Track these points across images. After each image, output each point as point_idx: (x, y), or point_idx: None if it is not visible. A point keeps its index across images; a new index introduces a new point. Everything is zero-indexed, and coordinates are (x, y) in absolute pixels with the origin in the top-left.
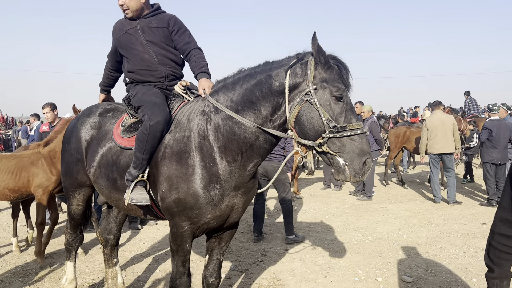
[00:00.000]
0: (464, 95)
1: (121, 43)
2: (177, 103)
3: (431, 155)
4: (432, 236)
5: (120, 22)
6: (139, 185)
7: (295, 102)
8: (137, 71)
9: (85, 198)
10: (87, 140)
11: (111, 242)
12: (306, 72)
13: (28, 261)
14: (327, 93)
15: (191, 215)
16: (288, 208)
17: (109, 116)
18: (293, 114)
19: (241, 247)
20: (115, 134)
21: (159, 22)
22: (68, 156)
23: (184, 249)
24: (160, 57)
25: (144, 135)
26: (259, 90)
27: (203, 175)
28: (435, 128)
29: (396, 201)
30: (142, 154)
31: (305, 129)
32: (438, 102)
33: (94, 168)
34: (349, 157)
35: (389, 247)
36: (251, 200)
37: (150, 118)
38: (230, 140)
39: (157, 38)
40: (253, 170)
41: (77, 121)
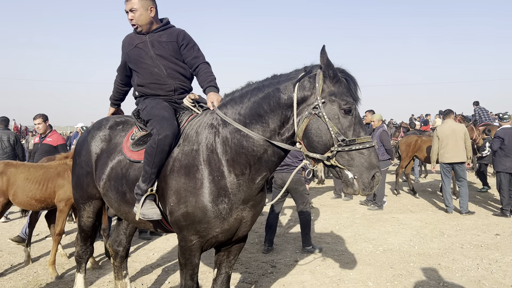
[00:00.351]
0: (473, 105)
1: (131, 57)
2: (185, 116)
3: (442, 164)
4: (444, 247)
5: (130, 37)
6: (148, 199)
7: (304, 116)
8: (147, 85)
9: (95, 211)
10: (97, 153)
11: (120, 254)
12: (314, 86)
13: (40, 271)
14: (335, 106)
15: (199, 228)
16: (306, 219)
17: (119, 129)
18: (301, 127)
19: (250, 258)
20: (125, 147)
21: (169, 36)
22: (79, 169)
23: (193, 262)
24: (169, 71)
25: (152, 148)
26: (267, 103)
27: (212, 189)
28: (446, 137)
29: (407, 211)
30: (151, 168)
31: (314, 143)
32: (449, 110)
33: (103, 181)
34: (358, 170)
35: (400, 259)
36: (260, 213)
37: (159, 132)
38: (238, 153)
39: (167, 52)
40: (261, 183)
41: (87, 134)
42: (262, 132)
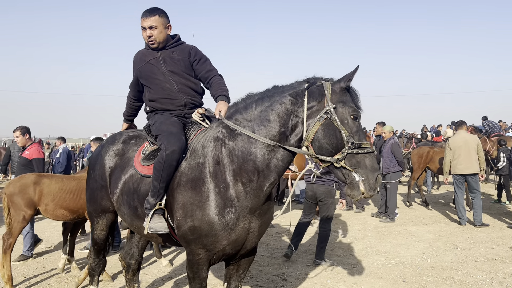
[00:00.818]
0: (482, 119)
1: (142, 73)
2: (194, 131)
3: (455, 175)
4: (458, 261)
5: (141, 53)
6: (157, 213)
7: (315, 120)
8: (158, 100)
9: (108, 224)
10: (110, 167)
11: (132, 267)
12: (323, 93)
13: (52, 283)
14: (345, 112)
15: (206, 242)
16: (325, 233)
17: (132, 143)
18: (312, 130)
19: (261, 271)
20: (136, 161)
21: (180, 52)
22: (93, 183)
23: (201, 276)
24: (181, 86)
25: (160, 164)
26: (276, 110)
27: (218, 201)
28: (459, 148)
29: (420, 223)
30: (159, 183)
31: (325, 145)
32: (461, 122)
33: (117, 195)
34: (365, 172)
35: (413, 272)
36: (268, 225)
37: (166, 147)
38: (246, 160)
39: (178, 68)
40: (269, 191)
41: (101, 148)
42: (272, 137)
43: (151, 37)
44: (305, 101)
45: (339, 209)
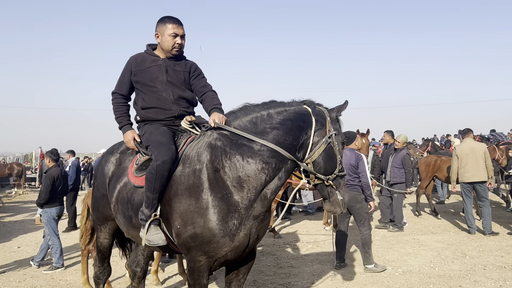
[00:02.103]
0: (490, 132)
1: (140, 78)
2: (184, 139)
3: (463, 184)
4: (466, 269)
5: (141, 56)
6: (153, 224)
7: (320, 142)
8: (151, 109)
9: (111, 232)
10: (109, 176)
11: (138, 275)
12: (324, 119)
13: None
14: (339, 139)
15: (208, 249)
16: (364, 238)
17: (129, 153)
18: (318, 151)
19: (267, 281)
20: (130, 172)
21: (182, 66)
22: (96, 191)
23: (201, 283)
24: (177, 97)
25: (152, 175)
26: (287, 125)
27: (221, 207)
28: (466, 156)
29: (428, 232)
30: (152, 194)
31: (324, 165)
32: (468, 130)
33: (113, 204)
34: (343, 192)
35: (419, 281)
36: (267, 227)
37: (157, 158)
38: (254, 169)
39: (178, 81)
40: (272, 198)
41: (102, 158)
42: (284, 148)
43: (181, 45)
44: (313, 122)
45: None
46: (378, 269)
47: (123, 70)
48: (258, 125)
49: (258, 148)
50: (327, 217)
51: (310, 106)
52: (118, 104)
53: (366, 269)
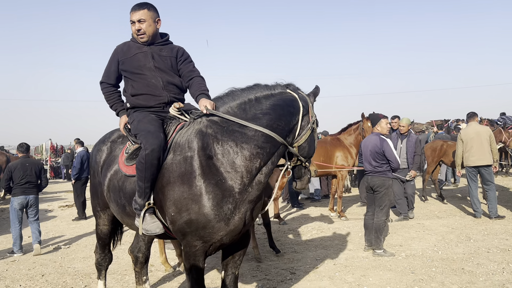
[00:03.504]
0: (500, 115)
1: (127, 66)
2: (173, 126)
3: (468, 168)
4: (470, 252)
5: (127, 45)
6: (148, 212)
7: (307, 127)
8: (141, 96)
9: (110, 219)
10: (100, 165)
11: (140, 260)
12: (308, 105)
13: (68, 281)
14: (315, 124)
15: (203, 234)
16: (378, 224)
17: (119, 142)
18: (305, 136)
19: (270, 266)
20: (120, 162)
21: (169, 51)
22: (93, 179)
23: (198, 267)
24: (166, 83)
25: (142, 164)
26: (278, 110)
27: (216, 193)
28: (471, 139)
29: (434, 217)
30: (144, 183)
31: (308, 149)
32: (473, 113)
33: (105, 192)
34: (311, 171)
35: (422, 264)
36: (260, 208)
37: (145, 147)
38: (247, 154)
39: (166, 66)
40: (266, 181)
41: (95, 147)
42: (277, 133)
43: (140, 30)
44: (300, 108)
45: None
46: (386, 255)
47: (110, 60)
48: (247, 111)
49: (252, 134)
50: (333, 204)
51: (294, 91)
52: (109, 93)
53: (375, 254)
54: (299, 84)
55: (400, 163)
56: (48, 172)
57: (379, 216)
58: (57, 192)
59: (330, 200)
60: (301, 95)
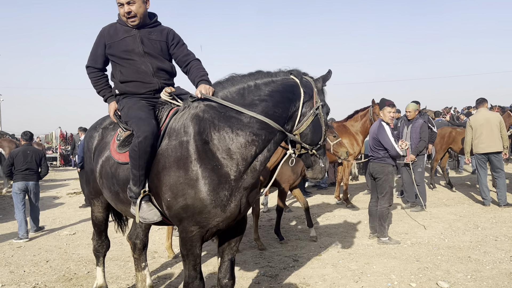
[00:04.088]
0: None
1: (115, 50)
2: (165, 111)
3: (477, 155)
4: (477, 240)
5: (114, 28)
6: (144, 200)
7: (309, 113)
8: (130, 83)
9: (104, 205)
10: (92, 151)
11: (138, 247)
12: (312, 90)
13: (72, 267)
14: (325, 110)
15: (199, 219)
16: (381, 211)
17: (111, 128)
18: (306, 123)
19: (273, 253)
20: (112, 149)
21: (158, 34)
22: (86, 166)
23: (194, 253)
24: (156, 70)
25: (135, 152)
26: (277, 97)
27: (212, 178)
28: (480, 126)
29: (442, 204)
30: (138, 171)
31: (313, 137)
32: (482, 99)
33: (98, 178)
34: (324, 160)
35: (428, 252)
36: (255, 196)
37: (138, 134)
38: (243, 141)
39: (156, 51)
40: (262, 169)
41: (87, 133)
42: (276, 121)
43: (130, 12)
44: (301, 94)
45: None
46: (391, 243)
47: (96, 43)
48: (246, 96)
49: (247, 121)
50: (339, 191)
51: (297, 76)
52: (96, 78)
53: (380, 241)
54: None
55: (398, 151)
56: (58, 159)
57: (382, 204)
58: (66, 179)
59: (336, 187)
60: (305, 80)
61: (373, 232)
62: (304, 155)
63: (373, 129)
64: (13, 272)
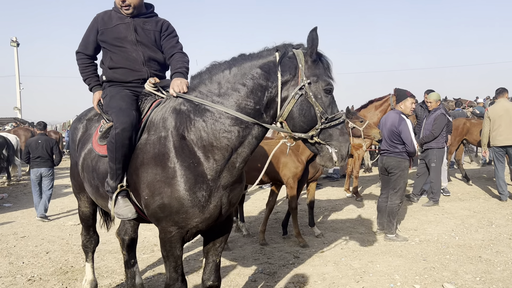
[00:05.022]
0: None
1: (107, 37)
2: (148, 103)
3: (495, 148)
4: (490, 238)
5: (108, 14)
6: (121, 195)
7: (290, 96)
8: (118, 69)
9: (89, 201)
10: (76, 143)
11: (127, 243)
12: (296, 66)
13: (70, 259)
14: (319, 87)
15: (177, 219)
16: (392, 207)
17: (95, 120)
18: (287, 108)
19: (274, 249)
20: (94, 141)
21: (153, 25)
22: (71, 159)
23: (174, 254)
24: (147, 59)
25: (112, 144)
26: (248, 85)
27: (188, 176)
28: (499, 117)
29: (456, 199)
30: (115, 164)
31: (300, 122)
32: (502, 89)
33: (80, 172)
34: (337, 144)
35: (436, 250)
36: (239, 197)
37: (116, 125)
38: (218, 138)
39: (148, 41)
40: (242, 166)
41: (72, 125)
42: (246, 113)
43: (125, 1)
44: (278, 76)
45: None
46: (398, 240)
47: (88, 28)
48: (222, 86)
49: (218, 116)
50: (348, 184)
51: (283, 54)
52: (85, 65)
53: (386, 238)
54: None
55: (416, 148)
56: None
57: (393, 200)
58: None
59: (346, 179)
60: (289, 56)
61: (380, 228)
62: (308, 145)
63: (391, 121)
64: (12, 264)
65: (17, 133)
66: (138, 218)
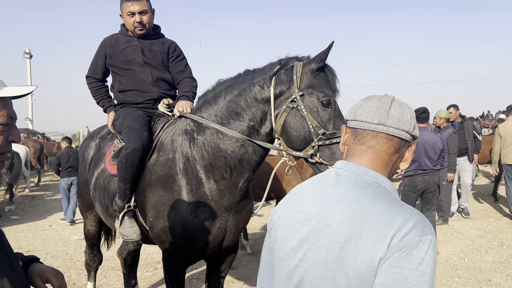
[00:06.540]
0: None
1: (115, 61)
2: (161, 124)
3: (506, 166)
4: (500, 261)
5: (115, 38)
6: (127, 216)
7: (282, 110)
8: (128, 92)
9: (97, 219)
10: (88, 162)
11: (128, 263)
12: (291, 78)
13: (73, 276)
14: (314, 99)
15: (181, 243)
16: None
17: (108, 139)
18: (279, 122)
19: None
20: (107, 160)
21: (160, 46)
22: (80, 177)
23: (177, 278)
24: (156, 79)
25: (122, 164)
26: (244, 100)
27: (190, 200)
28: (510, 135)
29: (466, 218)
30: (124, 184)
31: (293, 137)
32: None
33: (92, 191)
34: None
35: (444, 273)
36: (247, 221)
37: (127, 145)
38: (216, 156)
39: (156, 62)
40: (244, 187)
41: (83, 143)
42: (240, 131)
43: (141, 22)
44: (271, 90)
45: None
46: None
47: (97, 53)
48: (221, 104)
49: (216, 134)
50: None
51: (280, 66)
52: (96, 88)
53: None
54: None
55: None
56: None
57: (432, 215)
58: None
59: None
60: (286, 69)
61: None
62: (309, 164)
63: (432, 141)
64: None
65: (26, 144)
66: (143, 238)
